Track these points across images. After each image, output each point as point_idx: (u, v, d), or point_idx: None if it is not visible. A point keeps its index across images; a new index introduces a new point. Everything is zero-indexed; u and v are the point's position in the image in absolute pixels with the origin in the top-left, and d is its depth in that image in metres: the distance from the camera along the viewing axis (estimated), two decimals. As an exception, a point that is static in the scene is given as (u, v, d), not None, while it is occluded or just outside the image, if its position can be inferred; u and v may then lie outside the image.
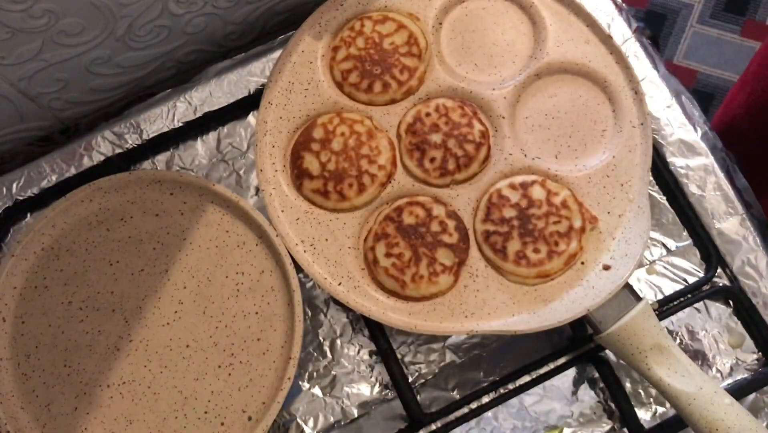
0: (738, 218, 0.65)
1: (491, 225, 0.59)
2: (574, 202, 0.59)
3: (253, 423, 0.58)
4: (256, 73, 0.69)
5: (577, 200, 0.59)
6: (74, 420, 0.58)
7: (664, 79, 0.69)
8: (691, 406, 0.53)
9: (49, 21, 0.57)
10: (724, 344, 0.62)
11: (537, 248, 0.58)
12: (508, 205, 0.59)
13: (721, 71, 1.54)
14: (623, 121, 0.62)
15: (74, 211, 0.62)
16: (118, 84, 0.69)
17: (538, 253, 0.58)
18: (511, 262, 0.58)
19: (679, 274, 0.64)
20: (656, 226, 0.65)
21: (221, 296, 0.61)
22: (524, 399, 0.61)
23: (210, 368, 0.59)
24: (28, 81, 0.62)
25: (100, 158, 0.66)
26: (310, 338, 0.62)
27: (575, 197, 0.59)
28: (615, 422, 0.60)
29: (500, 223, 0.59)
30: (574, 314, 0.56)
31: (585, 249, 0.58)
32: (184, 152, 0.67)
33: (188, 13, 0.64)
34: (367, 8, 0.65)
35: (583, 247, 0.58)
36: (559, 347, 0.62)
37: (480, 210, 0.60)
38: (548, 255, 0.58)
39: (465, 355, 0.62)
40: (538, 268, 0.57)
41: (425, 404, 0.61)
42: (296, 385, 0.61)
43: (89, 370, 0.59)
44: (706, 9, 1.57)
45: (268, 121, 0.62)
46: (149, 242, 0.62)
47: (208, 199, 0.62)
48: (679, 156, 0.66)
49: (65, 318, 0.60)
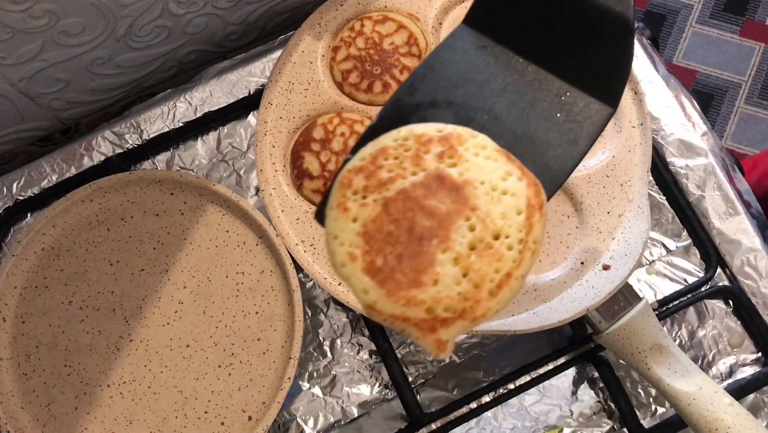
0: (738, 217, 0.65)
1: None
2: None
3: (253, 423, 0.58)
4: (256, 74, 0.69)
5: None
6: (74, 420, 0.58)
7: (663, 79, 0.69)
8: (690, 406, 0.53)
9: (49, 21, 0.57)
10: (723, 344, 0.63)
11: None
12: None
13: (721, 71, 1.54)
14: (623, 121, 0.62)
15: (75, 211, 0.62)
16: (118, 84, 0.69)
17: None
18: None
19: (678, 274, 0.64)
20: (656, 226, 0.65)
21: (221, 296, 0.61)
22: (524, 399, 0.61)
23: (210, 368, 0.59)
24: (29, 81, 0.62)
25: (101, 158, 0.66)
26: (310, 338, 0.62)
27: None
28: (615, 422, 0.60)
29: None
30: (573, 313, 0.56)
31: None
32: (184, 152, 0.67)
33: (189, 13, 0.64)
34: (367, 8, 0.65)
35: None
36: (558, 346, 0.62)
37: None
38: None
39: (465, 355, 0.62)
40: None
41: (425, 403, 0.61)
42: (296, 385, 0.61)
43: (89, 370, 0.59)
44: (705, 9, 1.57)
45: (268, 121, 0.62)
46: (149, 242, 0.62)
47: (208, 199, 0.62)
48: (679, 156, 0.66)
49: (65, 318, 0.60)
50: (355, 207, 0.36)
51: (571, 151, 0.40)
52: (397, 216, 0.36)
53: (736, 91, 1.52)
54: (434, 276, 0.35)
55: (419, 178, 0.36)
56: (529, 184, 0.36)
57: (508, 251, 0.35)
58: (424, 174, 0.36)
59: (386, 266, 0.35)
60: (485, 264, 0.35)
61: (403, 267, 0.35)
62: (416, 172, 0.36)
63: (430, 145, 0.37)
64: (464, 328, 0.35)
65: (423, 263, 0.35)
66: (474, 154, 0.37)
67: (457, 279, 0.35)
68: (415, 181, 0.36)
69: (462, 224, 0.35)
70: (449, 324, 0.35)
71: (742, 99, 1.51)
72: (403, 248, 0.35)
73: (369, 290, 0.35)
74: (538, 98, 0.41)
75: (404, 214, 0.35)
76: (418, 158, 0.36)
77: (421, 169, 0.36)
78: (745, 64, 1.54)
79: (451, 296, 0.35)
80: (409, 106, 0.41)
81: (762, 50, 1.54)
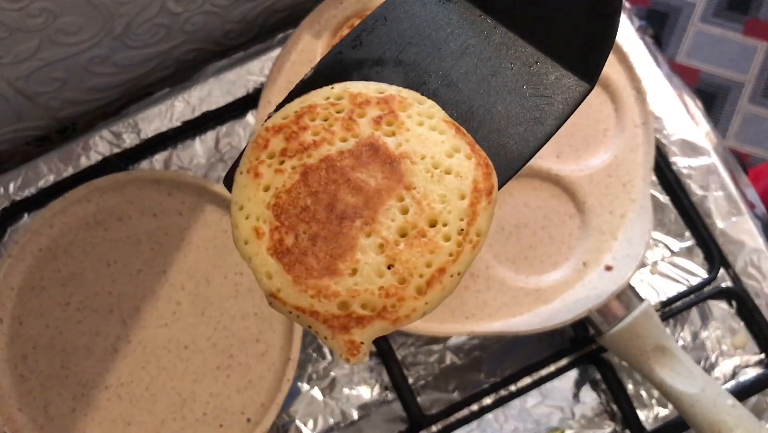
0: (741, 218, 0.64)
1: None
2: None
3: (252, 425, 0.57)
4: (255, 72, 0.68)
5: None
6: (72, 422, 0.58)
7: (666, 78, 0.68)
8: (693, 408, 0.53)
9: (46, 20, 0.56)
10: (727, 345, 0.62)
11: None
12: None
13: (724, 70, 1.53)
14: (625, 120, 0.61)
15: (72, 211, 0.61)
16: (116, 83, 0.68)
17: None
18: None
19: (681, 274, 0.64)
20: (659, 226, 0.65)
21: (220, 297, 0.60)
22: (525, 401, 0.60)
23: (208, 370, 0.59)
24: (26, 80, 0.62)
25: (98, 158, 0.66)
26: (310, 339, 0.62)
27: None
28: (617, 424, 0.60)
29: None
30: (575, 315, 0.56)
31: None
32: (182, 152, 0.67)
33: (187, 11, 0.63)
34: (367, 6, 0.64)
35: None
36: (560, 348, 0.61)
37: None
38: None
39: (466, 356, 0.62)
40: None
41: (425, 405, 0.60)
42: (295, 386, 0.61)
43: (87, 371, 0.59)
44: (708, 7, 1.57)
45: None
46: (147, 243, 0.61)
47: (206, 199, 0.62)
48: (682, 156, 0.66)
49: (63, 319, 0.60)
50: (269, 173, 0.31)
51: (534, 131, 0.34)
52: (316, 188, 0.30)
53: (740, 91, 1.51)
54: (353, 264, 0.29)
55: (349, 146, 0.31)
56: (479, 164, 0.31)
57: (444, 241, 0.30)
58: (355, 141, 0.31)
59: (297, 247, 0.30)
60: (415, 255, 0.30)
61: (317, 250, 0.30)
62: (346, 138, 0.31)
63: (366, 107, 0.32)
64: (383, 330, 0.30)
65: (341, 247, 0.29)
66: (417, 123, 0.32)
67: (380, 270, 0.30)
68: (344, 149, 0.31)
69: (393, 205, 0.30)
70: (365, 324, 0.30)
71: (745, 98, 1.51)
72: (319, 228, 0.30)
73: (273, 275, 0.30)
74: (504, 66, 0.34)
75: (326, 186, 0.30)
76: (350, 122, 0.31)
77: (353, 135, 0.31)
78: (748, 63, 1.53)
79: (371, 289, 0.29)
80: (352, 61, 0.35)
81: (765, 49, 1.54)
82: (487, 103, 0.34)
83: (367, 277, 0.29)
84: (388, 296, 0.29)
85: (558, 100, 0.34)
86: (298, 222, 0.30)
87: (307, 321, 0.30)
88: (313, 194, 0.30)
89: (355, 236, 0.30)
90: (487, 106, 0.34)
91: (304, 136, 0.31)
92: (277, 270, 0.30)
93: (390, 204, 0.30)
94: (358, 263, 0.29)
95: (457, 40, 0.35)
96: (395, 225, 0.30)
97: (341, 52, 0.35)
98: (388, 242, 0.30)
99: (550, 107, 0.34)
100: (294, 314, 0.30)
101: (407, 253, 0.30)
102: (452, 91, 0.34)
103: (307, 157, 0.31)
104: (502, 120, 0.34)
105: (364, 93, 0.32)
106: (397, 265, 0.30)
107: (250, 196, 0.31)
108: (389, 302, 0.29)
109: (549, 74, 0.35)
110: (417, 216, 0.30)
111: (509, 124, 0.34)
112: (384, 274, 0.30)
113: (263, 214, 0.31)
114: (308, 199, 0.30)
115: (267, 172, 0.31)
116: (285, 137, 0.31)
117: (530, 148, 0.34)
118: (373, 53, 0.35)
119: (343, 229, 0.30)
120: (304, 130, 0.31)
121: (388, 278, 0.29)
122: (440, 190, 0.30)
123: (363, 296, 0.29)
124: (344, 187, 0.30)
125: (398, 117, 0.31)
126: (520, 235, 0.60)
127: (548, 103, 0.34)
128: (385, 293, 0.29)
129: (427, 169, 0.31)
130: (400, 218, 0.30)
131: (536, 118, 0.34)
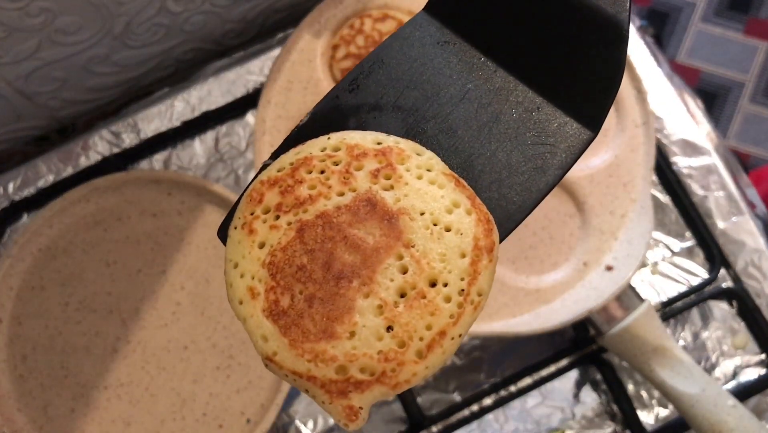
0: (741, 218, 0.64)
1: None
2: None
3: (252, 425, 0.57)
4: (254, 72, 0.68)
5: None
6: (71, 422, 0.58)
7: (667, 78, 0.68)
8: (694, 408, 0.52)
9: (46, 19, 0.56)
10: (727, 346, 0.62)
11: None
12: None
13: (725, 70, 1.53)
14: (626, 120, 0.61)
15: (71, 211, 0.61)
16: (115, 83, 0.68)
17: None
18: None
19: (682, 275, 0.63)
20: (659, 226, 0.65)
21: (219, 297, 0.60)
22: (526, 401, 0.60)
23: (208, 370, 0.59)
24: (25, 80, 0.62)
25: (98, 158, 0.66)
26: (310, 340, 0.62)
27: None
28: (617, 425, 0.60)
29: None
30: (576, 315, 0.55)
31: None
32: (182, 152, 0.67)
33: (186, 11, 0.63)
34: (367, 6, 0.64)
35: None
36: (561, 348, 0.61)
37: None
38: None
39: (466, 357, 0.61)
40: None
41: (426, 406, 0.60)
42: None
43: (86, 372, 0.59)
44: (709, 7, 1.57)
45: (266, 120, 0.61)
46: (147, 243, 0.61)
47: (206, 199, 0.62)
48: (682, 156, 0.66)
49: (62, 319, 0.60)
50: (264, 229, 0.30)
51: (537, 182, 0.32)
52: (313, 246, 0.29)
53: (740, 90, 1.51)
54: (351, 327, 0.28)
55: (346, 200, 0.30)
56: (479, 220, 0.30)
57: (445, 303, 0.29)
58: (352, 195, 0.30)
59: (293, 308, 0.29)
60: (415, 317, 0.28)
61: (314, 312, 0.28)
62: (343, 193, 0.30)
63: (364, 159, 0.30)
64: (382, 395, 0.28)
65: (339, 308, 0.28)
66: (416, 177, 0.30)
67: (379, 333, 0.28)
68: (341, 204, 0.30)
69: (392, 264, 0.29)
70: (364, 389, 0.28)
71: (746, 98, 1.50)
72: (316, 288, 0.29)
73: (269, 338, 0.29)
74: (504, 111, 0.33)
75: (322, 244, 0.29)
76: (348, 175, 0.30)
77: (350, 189, 0.30)
78: (749, 62, 1.53)
79: (370, 354, 0.28)
80: (349, 106, 0.34)
81: (766, 49, 1.53)
82: (487, 151, 0.33)
83: (366, 340, 0.28)
84: (388, 360, 0.28)
85: (561, 149, 0.33)
86: (294, 282, 0.29)
87: (305, 385, 0.29)
88: (309, 252, 0.29)
89: (352, 297, 0.29)
90: (487, 155, 0.33)
91: (300, 190, 0.30)
92: (272, 333, 0.29)
93: (388, 263, 0.29)
94: (356, 326, 0.28)
95: (456, 84, 0.34)
96: (394, 285, 0.29)
97: (338, 96, 0.34)
98: (386, 304, 0.29)
99: (553, 156, 0.33)
100: (291, 377, 0.29)
101: (407, 315, 0.29)
102: (451, 138, 0.33)
103: (303, 213, 0.30)
104: (503, 169, 0.33)
105: (362, 144, 0.31)
106: (396, 328, 0.28)
107: (245, 253, 0.30)
108: (389, 367, 0.28)
109: (551, 121, 0.33)
110: (416, 276, 0.29)
111: (510, 173, 0.33)
112: (383, 337, 0.28)
113: (258, 272, 0.30)
114: (304, 258, 0.29)
115: (262, 228, 0.30)
116: (280, 191, 0.30)
117: (532, 199, 0.32)
118: (370, 98, 0.34)
119: (341, 289, 0.29)
120: (300, 184, 0.30)
121: (387, 342, 0.28)
122: (440, 248, 0.29)
123: (361, 361, 0.28)
124: (341, 244, 0.29)
125: (396, 170, 0.30)
126: (520, 235, 0.60)
127: (551, 151, 0.33)
128: (384, 357, 0.28)
129: (427, 225, 0.30)
130: (399, 277, 0.29)
131: (539, 168, 0.33)
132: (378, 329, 0.28)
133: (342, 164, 0.30)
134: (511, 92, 0.34)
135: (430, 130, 0.33)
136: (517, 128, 0.33)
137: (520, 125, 0.33)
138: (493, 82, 0.34)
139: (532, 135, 0.33)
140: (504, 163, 0.33)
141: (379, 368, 0.28)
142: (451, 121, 0.34)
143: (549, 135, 0.33)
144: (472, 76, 0.34)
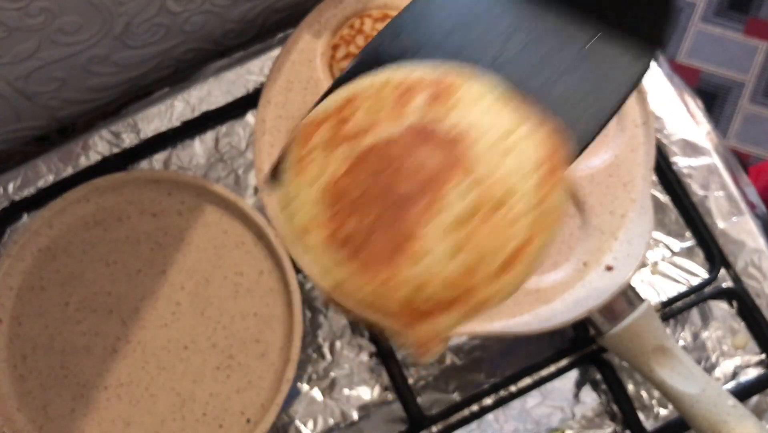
0: (742, 218, 0.64)
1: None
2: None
3: (252, 425, 0.57)
4: (254, 72, 0.68)
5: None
6: (71, 422, 0.58)
7: (667, 78, 0.68)
8: (694, 408, 0.52)
9: (46, 19, 0.56)
10: (727, 346, 0.62)
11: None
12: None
13: (725, 70, 1.53)
14: (626, 120, 0.61)
15: (71, 211, 0.61)
16: (115, 83, 0.68)
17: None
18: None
19: (682, 275, 0.63)
20: (659, 226, 0.65)
21: (219, 297, 0.60)
22: (526, 401, 0.60)
23: (208, 370, 0.59)
24: (25, 80, 0.62)
25: (97, 158, 0.66)
26: (310, 340, 0.62)
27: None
28: (617, 425, 0.60)
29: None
30: (576, 315, 0.55)
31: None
32: (182, 152, 0.67)
33: (186, 11, 0.63)
34: (367, 6, 0.64)
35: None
36: (560, 348, 0.61)
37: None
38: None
39: (466, 357, 0.61)
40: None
41: (426, 406, 0.60)
42: (295, 387, 0.61)
43: (86, 372, 0.59)
44: (709, 7, 1.57)
45: (266, 120, 0.61)
46: (147, 243, 0.61)
47: (206, 200, 0.62)
48: (683, 156, 0.66)
49: (62, 319, 0.60)
50: (317, 165, 0.29)
51: (597, 111, 0.31)
52: (371, 174, 0.28)
53: (740, 90, 1.51)
54: (419, 250, 0.27)
55: (399, 132, 0.28)
56: (546, 137, 0.28)
57: (516, 221, 0.27)
58: (406, 126, 0.28)
59: (358, 234, 0.27)
60: (486, 238, 0.27)
61: (380, 237, 0.27)
62: (395, 125, 0.29)
63: (415, 91, 0.29)
64: (458, 319, 0.27)
65: (405, 232, 0.27)
66: (473, 100, 0.29)
67: (450, 255, 0.27)
68: (393, 136, 0.28)
69: (455, 187, 0.27)
70: (438, 314, 0.27)
71: (746, 98, 1.51)
72: (379, 213, 0.27)
73: (334, 267, 0.28)
74: (558, 45, 0.32)
75: (381, 172, 0.28)
76: (399, 107, 0.29)
77: (403, 120, 0.29)
78: (749, 62, 1.53)
79: (442, 277, 0.27)
80: (393, 51, 0.32)
81: (766, 49, 1.54)
82: (545, 84, 0.32)
83: (436, 263, 0.27)
84: (461, 283, 0.27)
85: (617, 77, 0.32)
86: (352, 212, 0.28)
87: (374, 316, 0.28)
88: (369, 179, 0.28)
89: (418, 220, 0.27)
90: (544, 88, 0.32)
91: (349, 127, 0.29)
92: (337, 261, 0.28)
93: (451, 186, 0.27)
94: (425, 249, 0.27)
95: (505, 21, 0.32)
96: (460, 207, 0.27)
97: (381, 45, 0.33)
98: (453, 226, 0.27)
99: (610, 85, 0.32)
100: (359, 308, 0.28)
101: (477, 236, 0.27)
102: (505, 73, 0.31)
103: (357, 145, 0.28)
104: (561, 101, 0.31)
105: (412, 76, 0.30)
106: (466, 250, 0.27)
107: (299, 190, 0.29)
108: (462, 289, 0.27)
109: (607, 51, 0.32)
110: (482, 197, 0.27)
111: (569, 104, 0.31)
112: (453, 260, 0.27)
113: (315, 206, 0.29)
114: (361, 188, 0.28)
115: (314, 164, 0.29)
116: (331, 128, 0.29)
117: (598, 122, 0.31)
118: (414, 43, 0.32)
119: (405, 213, 0.27)
120: (349, 121, 0.29)
121: (458, 264, 0.26)
122: (504, 168, 0.27)
123: (433, 285, 0.27)
124: (401, 171, 0.28)
125: (452, 96, 0.29)
126: (521, 235, 0.60)
127: (607, 80, 0.32)
128: (455, 280, 0.26)
129: (489, 147, 0.28)
130: (464, 200, 0.27)
131: (597, 98, 0.32)
132: (448, 251, 0.27)
133: (392, 97, 0.29)
134: (565, 26, 0.33)
135: (483, 65, 0.32)
136: (572, 60, 0.32)
137: (576, 57, 0.32)
138: (545, 17, 0.33)
139: (590, 66, 0.32)
140: (562, 93, 0.32)
141: (452, 292, 0.27)
142: (504, 58, 0.32)
143: (606, 64, 0.32)
144: (523, 12, 0.33)
